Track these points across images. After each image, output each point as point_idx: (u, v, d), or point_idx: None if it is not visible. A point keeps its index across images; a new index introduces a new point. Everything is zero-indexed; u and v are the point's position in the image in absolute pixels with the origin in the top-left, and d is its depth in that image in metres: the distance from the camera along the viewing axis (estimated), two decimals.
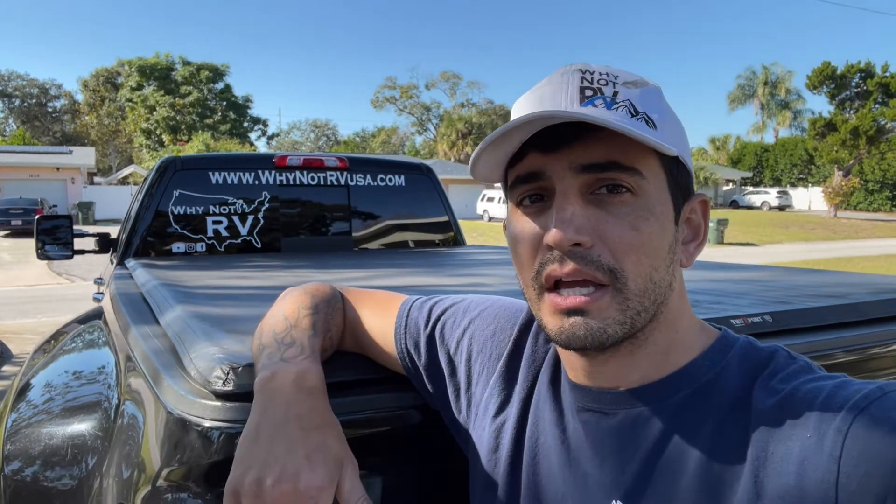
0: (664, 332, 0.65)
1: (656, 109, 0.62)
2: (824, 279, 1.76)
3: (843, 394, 0.55)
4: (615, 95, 0.61)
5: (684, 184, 0.65)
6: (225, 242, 2.82)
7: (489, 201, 31.32)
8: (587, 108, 0.60)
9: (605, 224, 0.60)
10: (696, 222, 0.69)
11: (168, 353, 0.97)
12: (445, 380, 0.84)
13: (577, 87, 0.62)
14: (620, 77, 0.63)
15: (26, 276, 12.30)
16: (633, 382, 0.65)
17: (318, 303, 0.87)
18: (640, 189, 0.60)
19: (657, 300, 0.62)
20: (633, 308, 0.61)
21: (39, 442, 1.06)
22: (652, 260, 0.61)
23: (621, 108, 0.60)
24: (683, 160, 0.64)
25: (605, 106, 0.60)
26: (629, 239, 0.60)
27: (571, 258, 0.60)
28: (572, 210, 0.60)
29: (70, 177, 31.06)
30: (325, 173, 3.06)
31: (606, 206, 0.60)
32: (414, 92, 58.67)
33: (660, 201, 0.62)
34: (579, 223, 0.59)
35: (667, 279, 0.63)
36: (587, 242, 0.59)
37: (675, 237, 0.64)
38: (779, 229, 25.84)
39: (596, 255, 0.60)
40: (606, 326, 0.60)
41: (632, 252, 0.60)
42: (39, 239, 3.30)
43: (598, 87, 0.62)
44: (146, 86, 45.76)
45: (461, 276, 2.01)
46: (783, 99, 53.31)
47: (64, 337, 1.80)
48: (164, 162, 2.86)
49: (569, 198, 0.60)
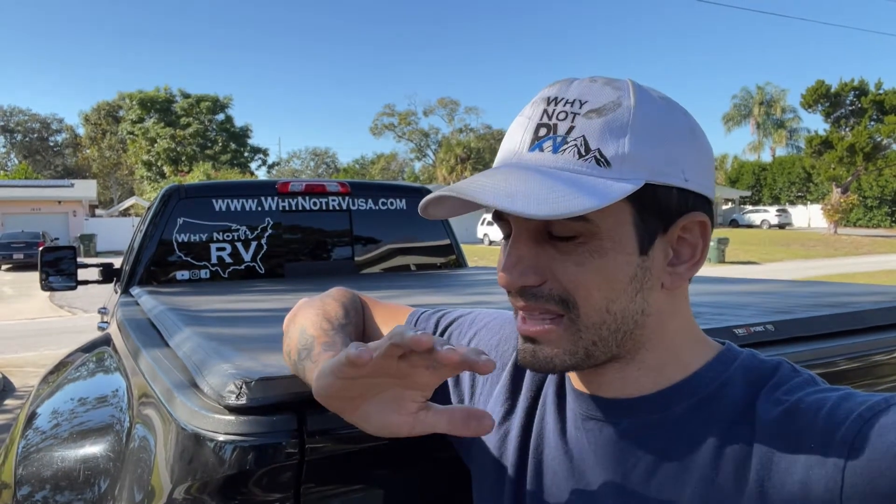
0: (653, 351, 0.65)
1: (618, 137, 0.59)
2: (824, 290, 1.77)
3: (848, 405, 0.55)
4: (569, 132, 0.59)
5: (668, 205, 0.62)
6: (229, 269, 2.84)
7: (489, 225, 31.39)
8: (533, 153, 0.61)
9: (554, 262, 0.61)
10: (691, 241, 0.65)
11: (179, 373, 0.98)
12: (449, 390, 0.85)
13: (534, 125, 0.61)
14: (589, 103, 0.60)
15: (28, 310, 12.30)
16: (632, 394, 0.66)
17: (349, 309, 0.91)
18: (590, 232, 0.60)
19: (622, 328, 0.62)
20: (588, 339, 0.62)
21: (51, 466, 1.06)
22: (605, 292, 0.61)
23: (569, 150, 0.59)
24: (661, 183, 0.60)
25: (552, 149, 0.60)
26: (574, 275, 0.61)
27: (521, 296, 0.63)
28: (518, 254, 0.62)
29: (72, 210, 31.22)
30: (327, 198, 3.09)
31: (556, 245, 0.62)
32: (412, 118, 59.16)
33: (614, 237, 0.60)
34: (525, 265, 0.62)
35: (633, 308, 0.62)
36: (534, 282, 0.62)
37: (643, 266, 0.62)
38: (779, 247, 25.85)
39: (547, 290, 0.62)
40: (554, 356, 0.63)
41: (580, 287, 0.61)
42: (43, 270, 3.32)
43: (556, 122, 0.60)
44: (147, 118, 46.20)
45: (465, 296, 2.02)
46: (778, 118, 53.75)
47: (69, 366, 1.80)
48: (168, 190, 2.89)
49: (518, 241, 0.63)
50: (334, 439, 0.79)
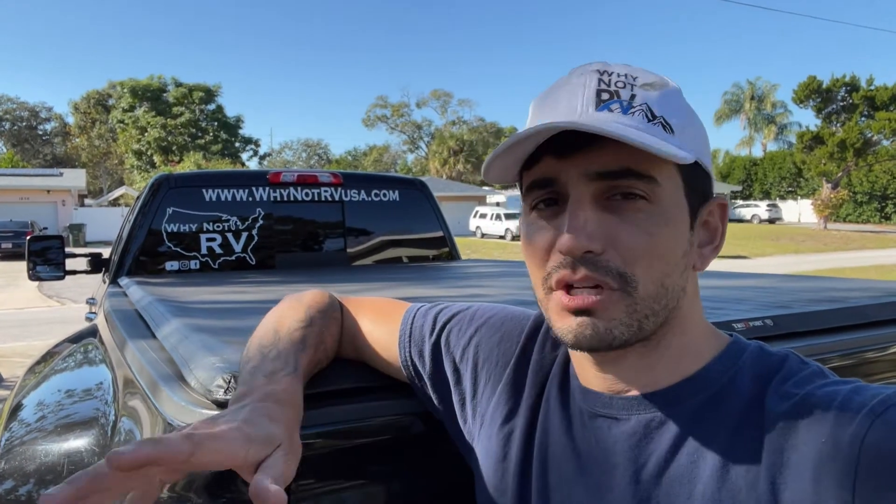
0: (677, 336, 0.64)
1: (675, 112, 0.61)
2: (822, 284, 1.77)
3: (859, 399, 0.54)
4: (632, 99, 0.60)
5: (702, 187, 0.65)
6: (219, 260, 2.81)
7: (482, 218, 31.42)
8: (602, 113, 0.60)
9: (619, 230, 0.59)
10: (713, 225, 0.67)
11: (166, 366, 0.96)
12: (451, 388, 0.83)
13: (593, 91, 0.61)
14: (640, 78, 0.62)
15: (16, 300, 12.20)
16: (645, 387, 0.64)
17: (313, 314, 0.86)
18: (655, 196, 0.60)
19: (669, 304, 0.62)
20: (642, 311, 0.60)
21: (35, 460, 1.04)
22: (664, 265, 0.60)
23: (638, 113, 0.60)
24: (702, 164, 0.64)
25: (622, 110, 0.60)
26: (642, 245, 0.59)
27: (583, 264, 0.60)
28: (584, 217, 0.59)
29: (61, 199, 30.98)
30: (319, 189, 3.06)
31: (620, 213, 0.60)
32: (405, 110, 59.05)
33: (675, 207, 0.61)
34: (591, 230, 0.59)
35: (680, 283, 0.62)
36: (598, 249, 0.59)
37: (690, 241, 0.63)
38: (769, 242, 26.01)
39: (606, 261, 0.59)
40: (612, 328, 0.60)
41: (644, 258, 0.59)
42: (31, 260, 3.28)
43: (616, 89, 0.61)
44: (138, 107, 45.84)
45: (459, 288, 2.00)
46: (769, 113, 53.99)
47: (56, 357, 1.77)
48: (158, 179, 2.85)
49: (582, 204, 0.60)
50: (326, 435, 0.78)
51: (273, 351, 0.77)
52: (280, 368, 0.74)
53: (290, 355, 0.77)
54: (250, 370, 0.74)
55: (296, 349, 0.79)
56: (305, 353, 0.80)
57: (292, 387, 0.73)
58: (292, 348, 0.78)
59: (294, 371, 0.75)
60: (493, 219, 30.60)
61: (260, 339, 0.81)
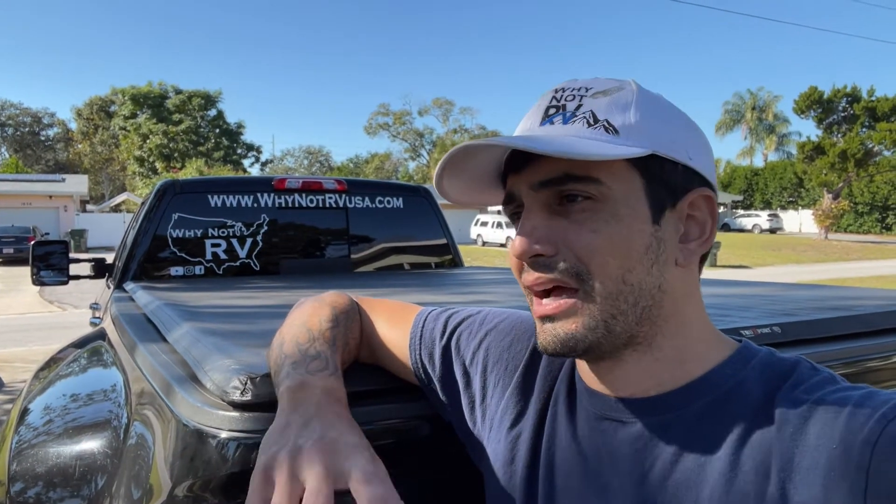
0: (670, 339, 0.64)
1: (624, 112, 0.62)
2: (827, 293, 1.77)
3: (871, 404, 0.54)
4: (577, 109, 0.63)
5: (674, 180, 0.64)
6: (223, 265, 2.82)
7: (483, 226, 31.38)
8: (545, 127, 0.64)
9: (567, 232, 0.62)
10: (699, 219, 0.66)
11: (179, 368, 0.96)
12: (460, 392, 0.84)
13: (543, 108, 0.65)
14: (594, 88, 0.64)
15: (18, 305, 12.19)
16: (648, 390, 0.64)
17: (339, 314, 0.87)
18: (601, 195, 0.61)
19: (640, 303, 0.62)
20: (606, 311, 0.61)
21: (46, 462, 1.04)
22: (621, 261, 0.61)
23: (578, 121, 0.63)
24: (667, 156, 0.62)
25: (562, 121, 0.63)
26: (590, 242, 0.61)
27: (535, 268, 0.63)
28: (532, 223, 0.63)
29: (63, 205, 31.00)
30: (323, 196, 3.07)
31: (568, 215, 0.62)
32: (407, 118, 59.12)
33: (626, 203, 0.61)
34: (539, 234, 0.62)
35: (650, 281, 0.62)
36: (548, 251, 0.62)
37: (657, 237, 0.63)
38: (770, 252, 25.99)
39: (560, 261, 0.62)
40: (574, 331, 0.62)
41: (596, 254, 0.61)
42: (35, 265, 3.28)
43: (563, 103, 0.64)
44: (139, 114, 45.94)
45: (463, 295, 2.01)
46: (770, 123, 54.03)
47: (61, 361, 1.78)
48: (163, 185, 2.87)
49: (531, 212, 0.64)
50: None
51: (311, 349, 0.78)
52: (323, 368, 0.75)
53: (328, 355, 0.78)
54: (292, 365, 0.75)
55: (332, 349, 0.80)
56: (337, 353, 0.81)
57: (339, 385, 0.74)
58: (328, 348, 0.80)
59: (335, 371, 0.76)
60: (494, 227, 30.58)
61: (295, 336, 0.81)
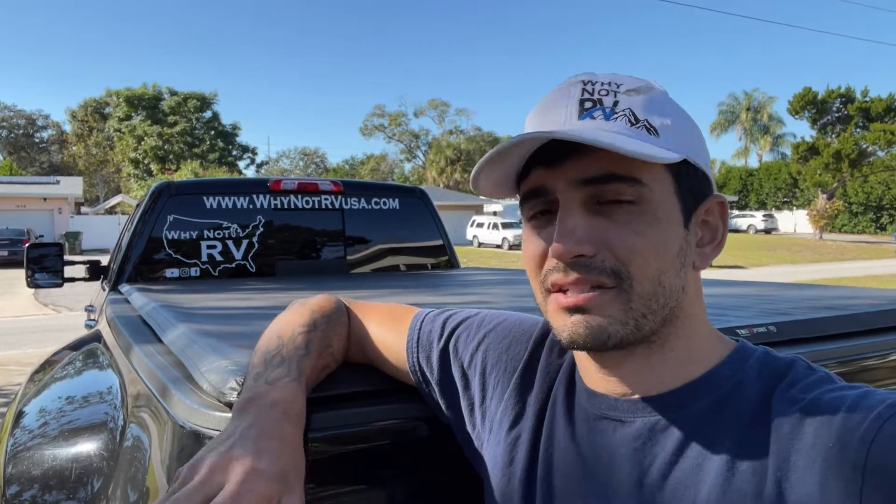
0: (682, 338, 0.65)
1: (660, 114, 0.63)
2: (823, 293, 1.78)
3: (867, 403, 0.55)
4: (615, 105, 0.62)
5: (697, 186, 0.65)
6: (219, 267, 2.81)
7: (479, 227, 31.40)
8: (585, 121, 0.62)
9: (609, 232, 0.61)
10: (713, 224, 0.68)
11: (175, 369, 0.96)
12: (459, 394, 0.83)
13: (577, 101, 0.63)
14: (624, 85, 0.63)
15: (12, 307, 12.14)
16: (650, 389, 0.65)
17: (318, 318, 0.87)
18: (642, 197, 0.61)
19: (668, 303, 0.62)
20: (638, 310, 0.61)
21: (41, 465, 1.04)
22: (659, 263, 0.61)
23: (620, 118, 0.61)
24: (694, 162, 0.64)
25: (604, 117, 0.61)
26: (633, 244, 0.60)
27: (574, 268, 0.61)
28: (573, 222, 0.61)
29: (57, 207, 30.91)
30: (319, 197, 3.07)
31: (610, 215, 0.61)
32: (403, 119, 59.16)
33: (664, 207, 0.62)
34: (581, 234, 0.60)
35: (678, 283, 0.63)
36: (589, 252, 0.60)
37: (686, 240, 0.64)
38: (765, 252, 26.07)
39: (600, 262, 0.61)
40: (608, 325, 0.61)
41: (637, 256, 0.60)
42: (29, 267, 3.27)
43: (599, 97, 0.62)
44: (134, 116, 45.84)
45: (460, 296, 2.01)
46: (765, 124, 54.22)
47: (57, 364, 1.77)
48: (159, 187, 2.86)
49: (571, 211, 0.62)
50: (337, 439, 0.78)
51: (276, 357, 0.78)
52: (283, 375, 0.75)
53: (293, 361, 0.78)
54: (254, 376, 0.75)
55: (299, 354, 0.79)
56: (309, 357, 0.80)
57: (294, 394, 0.74)
58: (295, 354, 0.79)
59: (297, 377, 0.76)
60: (490, 228, 30.60)
61: (265, 345, 0.82)
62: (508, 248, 28.48)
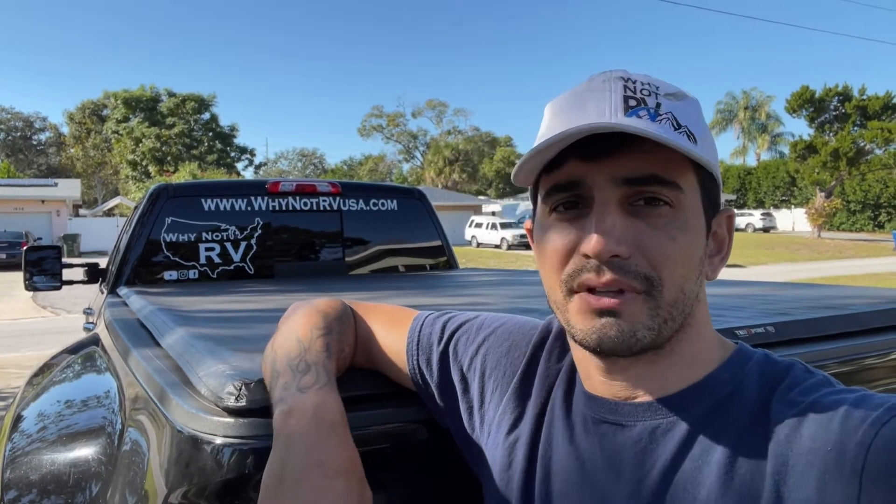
0: (690, 343, 0.65)
1: (696, 123, 0.63)
2: (821, 292, 1.78)
3: (865, 407, 0.55)
4: (658, 107, 0.61)
5: (715, 198, 0.66)
6: (218, 269, 2.81)
7: (477, 227, 31.42)
8: (632, 119, 0.59)
9: (644, 235, 0.60)
10: (721, 236, 0.69)
11: (173, 373, 0.96)
12: (458, 397, 0.83)
13: (620, 97, 0.61)
14: (662, 88, 0.63)
15: (10, 310, 12.12)
16: (652, 393, 0.65)
17: (331, 321, 0.86)
18: (679, 202, 0.61)
19: (685, 310, 0.63)
20: (662, 316, 0.61)
21: (39, 469, 1.03)
22: (686, 271, 0.61)
23: (665, 121, 0.60)
24: (715, 175, 0.65)
25: (650, 117, 0.60)
26: (668, 249, 0.60)
27: (609, 268, 0.60)
28: (612, 221, 0.60)
29: (55, 209, 30.86)
30: (317, 199, 3.06)
31: (645, 218, 0.60)
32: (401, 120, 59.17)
33: (695, 214, 0.62)
34: (619, 234, 0.59)
35: (695, 290, 0.63)
36: (625, 253, 0.59)
37: (707, 249, 0.65)
38: (764, 250, 26.07)
39: (633, 265, 0.60)
40: (636, 330, 0.60)
41: (669, 262, 0.60)
42: (27, 270, 3.27)
43: (642, 97, 0.61)
44: (132, 117, 45.80)
45: (459, 297, 2.00)
46: (763, 122, 54.27)
47: (55, 367, 1.77)
48: (157, 189, 2.85)
49: (609, 208, 0.60)
50: None
51: (301, 363, 0.77)
52: (314, 382, 0.74)
53: (320, 365, 0.77)
54: (283, 385, 0.74)
55: (322, 358, 0.79)
56: (332, 361, 0.80)
57: (331, 399, 0.73)
58: (319, 358, 0.78)
59: (328, 381, 0.75)
60: (488, 228, 30.60)
61: (285, 350, 0.80)
62: (507, 248, 28.48)
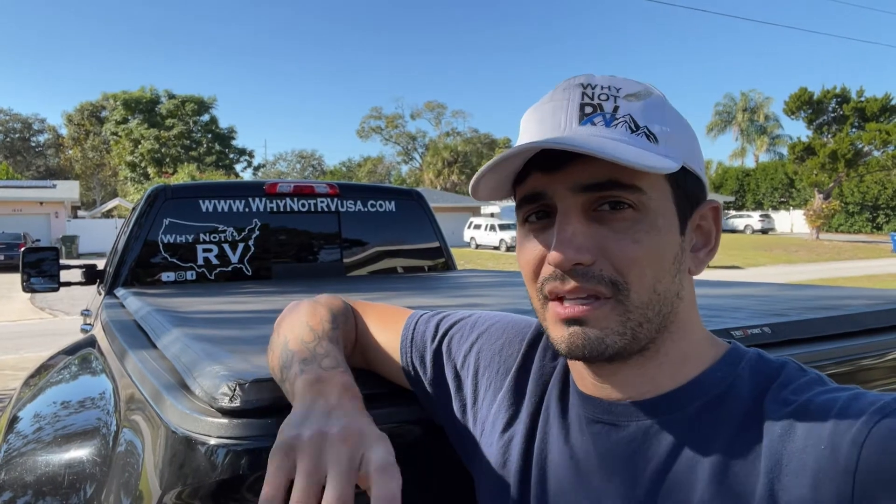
0: (676, 343, 0.65)
1: (659, 121, 0.62)
2: (818, 293, 1.78)
3: (859, 406, 0.55)
4: (615, 111, 0.61)
5: (693, 192, 0.65)
6: (215, 270, 2.81)
7: (476, 229, 31.44)
8: (586, 127, 0.61)
9: (607, 240, 0.60)
10: (706, 229, 0.68)
11: (168, 374, 0.96)
12: (451, 395, 0.83)
13: (577, 105, 0.62)
14: (623, 89, 0.63)
15: (8, 312, 12.11)
16: (645, 393, 0.65)
17: (337, 315, 0.86)
18: (642, 204, 0.61)
19: (663, 311, 0.62)
20: (635, 319, 0.61)
21: (34, 471, 1.03)
22: (655, 271, 0.61)
23: (621, 125, 0.61)
24: (691, 168, 0.64)
25: (605, 123, 0.61)
26: (631, 252, 0.60)
27: (572, 276, 0.61)
28: (572, 230, 0.60)
29: (54, 211, 30.87)
30: (315, 200, 3.06)
31: (608, 223, 0.61)
32: (399, 122, 59.21)
33: (663, 214, 0.62)
34: (580, 242, 0.60)
35: (673, 289, 0.63)
36: (588, 260, 0.60)
37: (681, 247, 0.64)
38: (762, 252, 26.11)
39: (598, 271, 0.60)
40: (605, 336, 0.61)
41: (635, 265, 0.60)
42: (25, 271, 3.26)
43: (599, 102, 0.62)
44: (131, 119, 45.80)
45: (456, 298, 2.00)
46: (761, 124, 54.35)
47: (52, 369, 1.76)
48: (154, 190, 2.85)
49: (569, 217, 0.61)
50: None
51: (319, 347, 0.77)
52: (334, 365, 0.74)
53: (337, 354, 0.77)
54: (303, 360, 0.73)
55: (339, 348, 0.79)
56: (342, 352, 0.80)
57: (352, 382, 0.72)
58: (335, 348, 0.78)
59: (347, 370, 0.75)
60: (487, 230, 30.63)
61: (298, 335, 0.79)
62: (506, 249, 28.49)
